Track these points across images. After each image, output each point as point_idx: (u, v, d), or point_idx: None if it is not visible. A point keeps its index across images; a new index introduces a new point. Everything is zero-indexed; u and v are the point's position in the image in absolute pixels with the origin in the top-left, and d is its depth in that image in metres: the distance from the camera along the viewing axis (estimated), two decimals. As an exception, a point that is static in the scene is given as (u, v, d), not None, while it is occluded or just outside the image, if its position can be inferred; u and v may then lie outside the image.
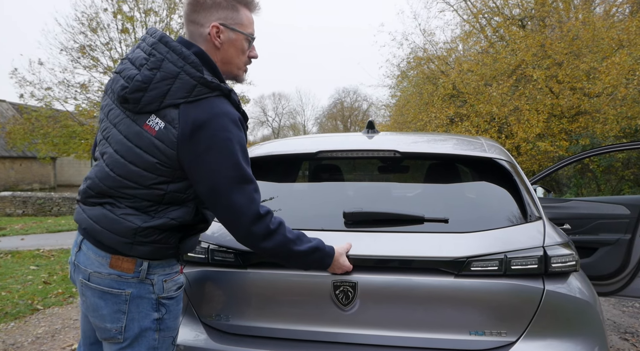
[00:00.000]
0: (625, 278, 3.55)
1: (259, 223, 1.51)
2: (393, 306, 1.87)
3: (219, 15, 1.57)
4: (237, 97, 1.55)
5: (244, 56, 1.66)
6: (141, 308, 1.55)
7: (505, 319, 1.83)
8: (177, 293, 1.64)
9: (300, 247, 1.62)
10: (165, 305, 1.59)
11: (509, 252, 1.85)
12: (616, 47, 11.23)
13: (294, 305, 1.96)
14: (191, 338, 2.05)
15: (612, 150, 4.00)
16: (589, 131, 11.32)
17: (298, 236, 1.64)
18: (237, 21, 1.60)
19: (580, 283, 1.98)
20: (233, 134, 1.46)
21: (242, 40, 1.62)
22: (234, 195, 1.48)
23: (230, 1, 1.59)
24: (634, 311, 4.75)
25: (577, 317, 1.91)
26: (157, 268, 1.57)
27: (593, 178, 11.77)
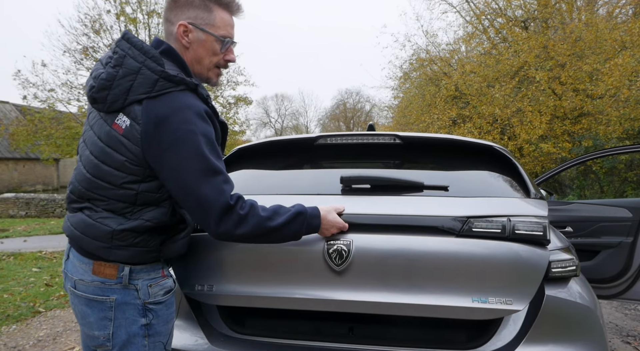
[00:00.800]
0: (628, 281, 3.54)
1: (230, 213, 1.46)
2: (390, 268, 1.77)
3: (189, 14, 1.55)
4: (205, 91, 1.52)
5: (216, 58, 1.62)
6: (127, 314, 1.53)
7: (511, 286, 1.73)
8: (165, 297, 1.61)
9: (280, 219, 1.56)
10: (153, 310, 1.57)
11: (513, 216, 1.77)
12: (619, 48, 11.20)
13: (283, 268, 1.86)
14: (191, 342, 2.06)
15: (615, 153, 3.99)
16: (592, 133, 11.29)
17: (274, 211, 1.58)
18: (207, 21, 1.57)
19: (581, 288, 1.97)
20: (197, 126, 1.43)
21: (212, 42, 1.59)
22: (201, 188, 1.43)
23: (203, 1, 1.56)
24: (636, 314, 4.73)
25: (577, 322, 1.90)
26: (140, 273, 1.54)
27: (596, 180, 11.73)
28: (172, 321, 1.66)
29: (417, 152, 2.45)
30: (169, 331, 1.65)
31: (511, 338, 1.84)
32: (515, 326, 1.87)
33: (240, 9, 1.65)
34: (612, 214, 3.70)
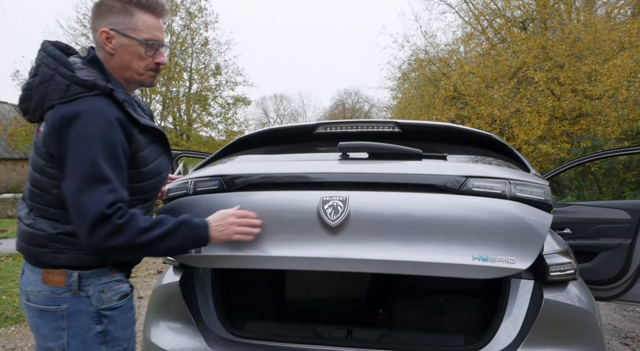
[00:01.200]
0: (626, 283, 3.55)
1: (105, 223, 1.38)
2: (387, 224, 1.70)
3: (110, 20, 1.53)
4: (122, 95, 1.49)
5: (144, 62, 1.58)
6: (81, 322, 1.50)
7: (513, 245, 1.65)
8: (120, 302, 1.58)
9: (161, 229, 1.47)
10: (108, 317, 1.54)
11: (514, 180, 1.72)
12: (617, 49, 11.22)
13: (275, 228, 1.77)
14: (190, 346, 2.06)
15: (614, 155, 4.00)
16: (591, 133, 11.30)
17: (156, 222, 1.49)
18: (129, 26, 1.54)
19: (579, 291, 1.98)
20: (98, 131, 1.39)
21: (137, 46, 1.55)
22: (81, 194, 1.38)
23: (124, 5, 1.53)
24: (635, 316, 4.73)
25: (576, 326, 1.91)
26: (90, 278, 1.52)
27: (594, 181, 11.74)
28: (131, 326, 1.63)
29: (416, 140, 2.44)
30: (129, 336, 1.62)
31: (510, 342, 1.85)
32: (514, 330, 1.87)
33: (164, 11, 1.61)
34: (610, 216, 3.70)
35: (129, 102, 1.52)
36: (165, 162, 1.68)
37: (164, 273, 2.38)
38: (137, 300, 5.43)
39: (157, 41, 1.58)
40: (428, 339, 2.02)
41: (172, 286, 2.21)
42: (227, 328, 2.04)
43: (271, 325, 2.23)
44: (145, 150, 1.55)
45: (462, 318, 2.23)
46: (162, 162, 1.66)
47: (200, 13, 19.30)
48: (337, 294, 2.39)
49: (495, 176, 1.72)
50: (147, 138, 1.57)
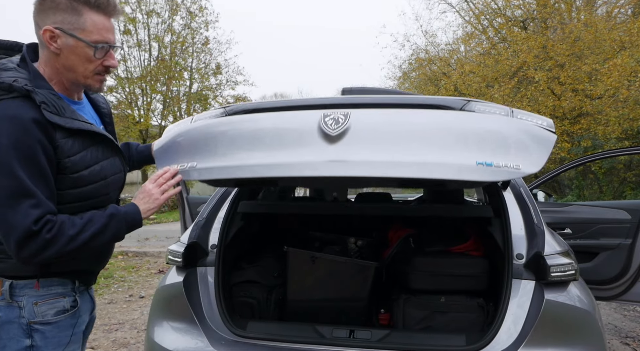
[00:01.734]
0: (627, 283, 3.56)
1: (34, 239, 1.31)
2: (387, 133, 1.66)
3: (55, 18, 1.40)
4: (42, 97, 1.36)
5: (92, 65, 1.46)
6: (11, 334, 1.42)
7: (518, 154, 1.59)
8: (56, 318, 1.48)
9: (91, 229, 1.40)
10: (39, 331, 1.44)
11: (516, 111, 1.74)
12: (618, 48, 11.22)
13: (274, 140, 1.73)
14: (193, 345, 2.07)
15: (614, 155, 4.01)
16: (591, 133, 11.31)
17: (86, 223, 1.40)
18: (76, 26, 1.41)
19: (580, 291, 1.99)
20: (11, 139, 1.29)
21: (84, 48, 1.43)
22: (6, 209, 1.30)
23: (71, 2, 1.40)
24: (635, 316, 4.75)
25: (576, 326, 1.92)
26: (24, 289, 1.43)
27: (595, 180, 11.75)
28: (63, 346, 1.50)
29: None
30: None
31: (511, 342, 1.86)
32: (515, 330, 1.88)
33: (116, 10, 1.49)
34: (611, 216, 3.71)
35: (53, 103, 1.38)
36: (113, 165, 1.57)
37: (167, 274, 2.40)
38: (139, 299, 5.45)
39: (107, 43, 1.46)
40: (429, 339, 2.03)
41: (175, 287, 2.23)
42: (229, 328, 2.05)
43: (273, 325, 2.24)
44: (76, 155, 1.43)
45: (464, 318, 2.24)
46: (106, 166, 1.53)
47: (201, 12, 19.33)
48: (339, 294, 2.40)
49: (499, 108, 1.76)
50: (82, 142, 1.45)
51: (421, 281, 2.37)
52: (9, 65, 1.41)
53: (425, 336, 2.09)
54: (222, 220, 2.46)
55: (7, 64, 1.42)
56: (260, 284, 2.49)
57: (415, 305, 2.31)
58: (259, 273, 2.53)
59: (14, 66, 1.42)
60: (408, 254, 2.60)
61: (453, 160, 1.56)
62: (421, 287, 2.36)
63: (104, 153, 1.54)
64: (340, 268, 2.32)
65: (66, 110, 1.41)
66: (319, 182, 1.73)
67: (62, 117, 1.39)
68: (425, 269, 2.37)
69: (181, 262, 2.25)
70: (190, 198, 4.47)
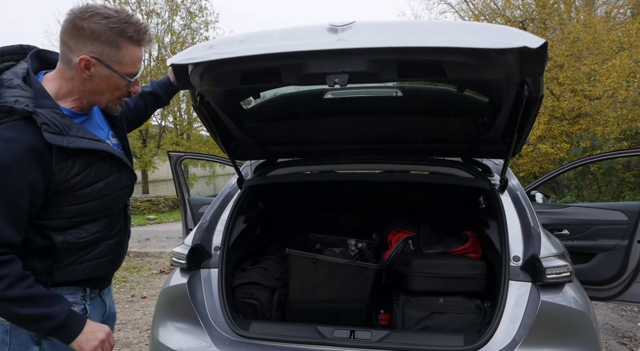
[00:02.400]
0: (623, 284, 3.60)
1: None
2: (394, 24, 1.72)
3: (94, 48, 1.38)
4: (45, 117, 1.32)
5: (119, 92, 1.50)
6: (21, 340, 1.45)
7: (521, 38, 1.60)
8: None
9: (23, 310, 1.33)
10: (48, 339, 1.46)
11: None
12: (617, 49, 11.26)
13: (282, 38, 1.75)
14: (196, 346, 2.12)
15: (613, 157, 4.05)
16: (590, 133, 11.34)
17: (30, 296, 1.34)
18: (114, 59, 1.42)
19: (575, 293, 2.03)
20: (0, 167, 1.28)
21: (117, 79, 1.45)
22: None
23: (112, 36, 1.39)
24: (632, 316, 4.79)
25: (572, 327, 1.97)
26: None
27: (594, 181, 11.79)
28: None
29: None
30: None
31: (508, 342, 1.90)
32: (512, 331, 1.93)
33: (151, 41, 1.50)
34: (608, 217, 3.75)
35: (55, 123, 1.34)
36: (118, 180, 1.54)
37: (171, 275, 2.44)
38: (141, 300, 5.49)
39: (137, 73, 1.50)
40: (428, 339, 2.07)
41: (179, 288, 2.27)
42: (233, 329, 2.10)
43: (276, 326, 2.29)
44: (77, 176, 1.41)
45: (462, 319, 2.29)
46: (110, 182, 1.51)
47: (201, 12, 19.38)
48: (340, 295, 2.45)
49: None
50: (86, 161, 1.43)
51: (420, 283, 2.41)
52: (14, 82, 1.40)
53: (424, 336, 2.13)
54: (225, 222, 2.50)
55: (13, 80, 1.40)
56: (263, 285, 2.53)
57: (415, 306, 2.35)
58: (262, 274, 2.58)
59: (18, 83, 1.39)
60: (407, 256, 2.65)
61: (459, 38, 1.59)
62: (420, 288, 2.41)
63: (110, 169, 1.51)
64: (341, 270, 2.37)
65: (71, 128, 1.39)
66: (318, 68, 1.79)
67: (65, 136, 1.36)
68: (424, 271, 2.42)
69: (185, 263, 2.30)
70: (192, 199, 4.52)
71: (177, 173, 4.45)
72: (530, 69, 1.69)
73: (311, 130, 2.80)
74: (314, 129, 2.79)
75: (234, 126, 2.52)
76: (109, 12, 1.39)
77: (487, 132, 2.46)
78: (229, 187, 2.86)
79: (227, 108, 2.34)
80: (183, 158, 4.57)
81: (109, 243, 1.57)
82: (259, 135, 2.71)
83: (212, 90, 2.07)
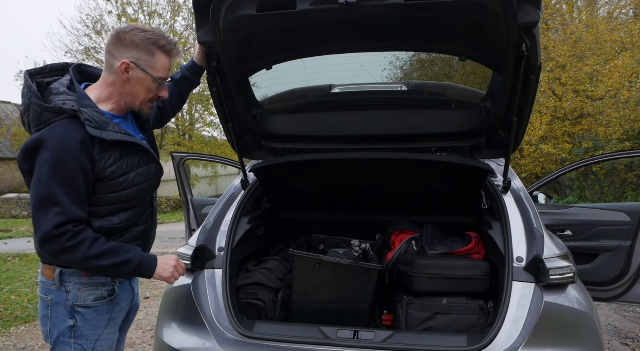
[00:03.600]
0: (626, 284, 3.60)
1: (51, 242, 1.55)
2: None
3: (132, 54, 1.69)
4: (87, 115, 1.60)
5: (150, 94, 1.78)
6: (59, 314, 1.70)
7: None
8: (95, 303, 1.74)
9: (107, 261, 1.62)
10: (80, 313, 1.71)
11: None
12: (619, 49, 11.24)
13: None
14: (200, 345, 2.13)
15: (615, 158, 4.05)
16: (592, 134, 11.32)
17: (107, 250, 1.63)
18: (148, 63, 1.72)
19: (578, 294, 2.04)
20: (56, 156, 1.54)
21: (150, 81, 1.74)
22: (36, 212, 1.57)
23: (147, 44, 1.70)
24: (635, 316, 4.79)
25: (575, 327, 1.97)
26: (71, 276, 1.70)
27: (596, 181, 11.77)
28: (101, 329, 1.76)
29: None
30: (97, 337, 1.75)
31: (511, 343, 1.91)
32: (515, 331, 1.93)
33: (179, 54, 1.82)
34: (610, 218, 3.75)
35: (95, 119, 1.61)
36: (147, 172, 1.81)
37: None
38: (143, 300, 5.50)
39: (166, 79, 1.81)
40: (431, 340, 2.08)
41: (183, 289, 2.29)
42: (237, 329, 2.11)
43: (279, 326, 2.29)
44: (113, 165, 1.67)
45: (465, 320, 2.29)
46: (140, 173, 1.77)
47: (203, 13, 19.33)
48: (343, 296, 2.46)
49: None
50: (119, 153, 1.69)
51: (423, 284, 2.42)
52: (60, 90, 1.66)
53: (427, 337, 2.14)
54: (229, 223, 2.51)
55: (59, 88, 1.67)
56: (267, 286, 2.54)
57: (418, 307, 2.36)
58: (265, 275, 2.59)
59: (64, 90, 1.66)
60: (410, 257, 2.65)
61: None
62: (423, 289, 2.42)
63: (140, 161, 1.78)
64: (344, 271, 2.37)
65: (108, 124, 1.65)
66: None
67: (103, 130, 1.62)
68: (427, 271, 2.42)
69: (189, 264, 2.31)
70: (195, 200, 4.53)
71: (180, 173, 4.46)
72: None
73: (315, 124, 2.82)
74: (318, 124, 2.81)
75: (243, 106, 2.58)
76: (146, 28, 1.73)
77: (488, 117, 2.48)
78: (232, 188, 2.87)
79: (238, 76, 2.43)
80: (186, 159, 4.57)
81: (137, 230, 1.83)
82: (264, 124, 2.76)
83: (229, 35, 2.11)
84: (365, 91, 2.78)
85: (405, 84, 2.78)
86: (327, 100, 2.85)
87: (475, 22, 1.99)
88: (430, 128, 2.70)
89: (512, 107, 2.23)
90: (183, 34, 19.14)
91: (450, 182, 2.71)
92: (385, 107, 2.76)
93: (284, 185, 2.99)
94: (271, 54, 2.42)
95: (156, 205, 2.01)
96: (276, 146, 2.85)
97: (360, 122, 2.76)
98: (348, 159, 2.67)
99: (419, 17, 1.99)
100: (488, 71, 2.43)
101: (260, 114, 2.72)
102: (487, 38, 2.06)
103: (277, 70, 2.55)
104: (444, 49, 2.42)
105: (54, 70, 1.78)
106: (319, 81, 2.82)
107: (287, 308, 2.55)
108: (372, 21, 2.04)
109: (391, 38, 2.26)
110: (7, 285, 5.96)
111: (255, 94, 2.70)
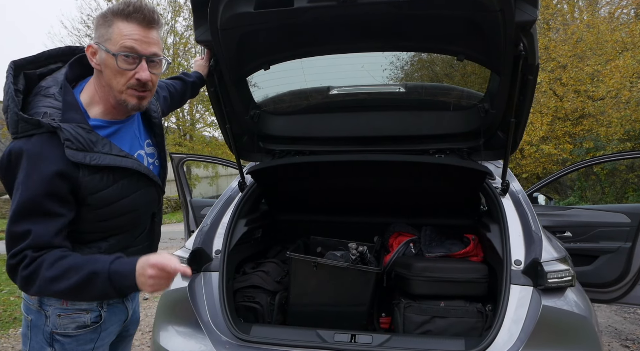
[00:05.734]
0: (626, 286, 3.58)
1: (14, 273, 1.33)
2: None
3: (96, 33, 1.39)
4: (69, 133, 1.32)
5: (123, 77, 1.39)
6: (38, 338, 1.49)
7: None
8: (76, 332, 1.50)
9: (69, 282, 1.30)
10: (60, 342, 1.48)
11: None
12: (620, 50, 11.22)
13: None
14: (197, 349, 2.12)
15: (616, 158, 4.03)
16: (593, 134, 11.30)
17: (65, 270, 1.31)
18: (106, 37, 1.36)
19: (577, 297, 2.02)
20: (25, 178, 1.31)
21: (110, 59, 1.36)
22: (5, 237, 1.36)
23: (106, 16, 1.37)
24: (635, 318, 4.77)
25: (573, 331, 1.95)
26: (50, 299, 1.47)
27: (597, 181, 11.74)
28: None
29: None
30: None
31: (509, 347, 1.89)
32: (513, 335, 1.92)
33: (146, 19, 1.38)
34: (610, 219, 3.74)
35: (79, 139, 1.34)
36: (146, 195, 1.55)
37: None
38: (142, 302, 5.50)
39: (131, 52, 1.37)
40: (429, 343, 2.06)
41: (180, 291, 2.27)
42: (233, 332, 2.10)
43: (276, 329, 2.28)
44: (104, 190, 1.41)
45: (463, 323, 2.28)
46: (137, 197, 1.51)
47: (204, 13, 19.35)
48: (341, 299, 2.44)
49: None
50: (112, 176, 1.42)
51: (421, 287, 2.41)
52: (50, 91, 1.41)
53: (425, 340, 2.13)
54: (226, 225, 2.50)
55: (50, 88, 1.41)
56: (264, 289, 2.53)
57: (416, 310, 2.35)
58: (262, 278, 2.57)
59: (53, 93, 1.40)
60: (409, 259, 2.64)
61: None
62: (421, 292, 2.40)
63: (137, 184, 1.50)
64: (342, 274, 2.36)
65: (96, 144, 1.37)
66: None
67: (89, 152, 1.35)
68: (425, 274, 2.41)
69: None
70: (194, 201, 4.52)
71: (179, 175, 4.45)
72: None
73: (313, 126, 2.82)
74: (316, 126, 2.81)
75: (241, 107, 2.58)
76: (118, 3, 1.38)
77: (486, 118, 2.47)
78: (230, 190, 2.86)
79: (237, 76, 2.43)
80: (185, 160, 4.57)
81: (133, 251, 1.56)
82: (262, 125, 2.76)
83: (227, 33, 2.09)
84: (363, 93, 2.78)
85: (403, 86, 2.78)
86: (325, 101, 2.84)
87: (472, 21, 1.97)
88: (429, 130, 2.69)
89: (510, 107, 2.22)
90: (184, 35, 19.16)
91: (449, 184, 2.69)
92: (383, 108, 2.76)
93: (281, 187, 2.98)
94: (269, 53, 2.42)
95: (159, 220, 1.73)
96: (274, 148, 2.84)
97: (358, 123, 2.75)
98: (346, 161, 2.65)
99: (415, 15, 1.98)
100: (487, 72, 2.42)
101: (259, 115, 2.72)
102: (485, 37, 2.05)
103: (276, 71, 2.54)
104: (441, 48, 2.41)
105: (52, 57, 1.50)
106: (317, 83, 2.81)
107: (285, 311, 2.53)
108: (369, 19, 2.03)
109: (388, 37, 2.25)
110: (7, 286, 5.96)
111: (254, 95, 2.69)
